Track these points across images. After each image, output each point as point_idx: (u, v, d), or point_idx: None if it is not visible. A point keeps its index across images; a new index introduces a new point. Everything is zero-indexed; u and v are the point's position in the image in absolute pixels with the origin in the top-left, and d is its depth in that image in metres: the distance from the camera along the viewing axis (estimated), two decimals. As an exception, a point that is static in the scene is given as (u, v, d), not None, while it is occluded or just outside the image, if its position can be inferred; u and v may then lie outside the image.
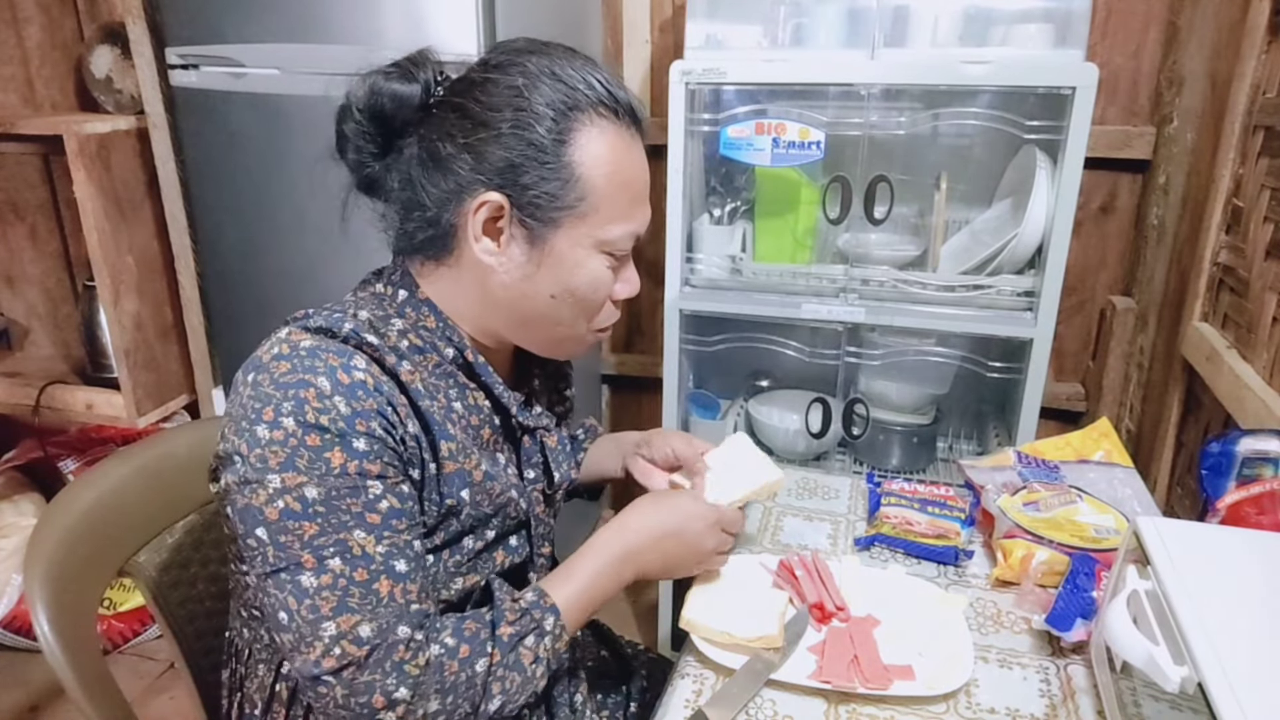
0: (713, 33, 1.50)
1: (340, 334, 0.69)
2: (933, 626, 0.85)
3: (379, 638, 0.65)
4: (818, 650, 0.82)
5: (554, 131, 0.70)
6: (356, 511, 0.65)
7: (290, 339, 0.68)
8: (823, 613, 0.87)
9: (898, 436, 1.65)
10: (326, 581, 0.64)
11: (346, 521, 0.65)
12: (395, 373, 0.70)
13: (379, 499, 0.66)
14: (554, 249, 0.73)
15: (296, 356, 0.67)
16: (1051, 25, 1.37)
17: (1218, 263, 1.35)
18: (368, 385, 0.67)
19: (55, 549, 0.80)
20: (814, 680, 0.78)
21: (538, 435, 0.85)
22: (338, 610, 0.64)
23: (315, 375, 0.65)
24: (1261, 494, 0.87)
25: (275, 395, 0.65)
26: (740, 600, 0.87)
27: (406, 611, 0.67)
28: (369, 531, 0.66)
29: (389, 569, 0.66)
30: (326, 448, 0.64)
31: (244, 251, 1.62)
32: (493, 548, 0.80)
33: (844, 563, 0.95)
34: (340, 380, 0.66)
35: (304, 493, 0.64)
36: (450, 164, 0.72)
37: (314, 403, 0.64)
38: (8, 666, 1.86)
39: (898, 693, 0.76)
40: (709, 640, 0.83)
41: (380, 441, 0.66)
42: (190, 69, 1.54)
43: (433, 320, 0.76)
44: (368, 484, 0.66)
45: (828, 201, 1.50)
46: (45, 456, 2.00)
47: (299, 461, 0.64)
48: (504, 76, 0.71)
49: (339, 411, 0.65)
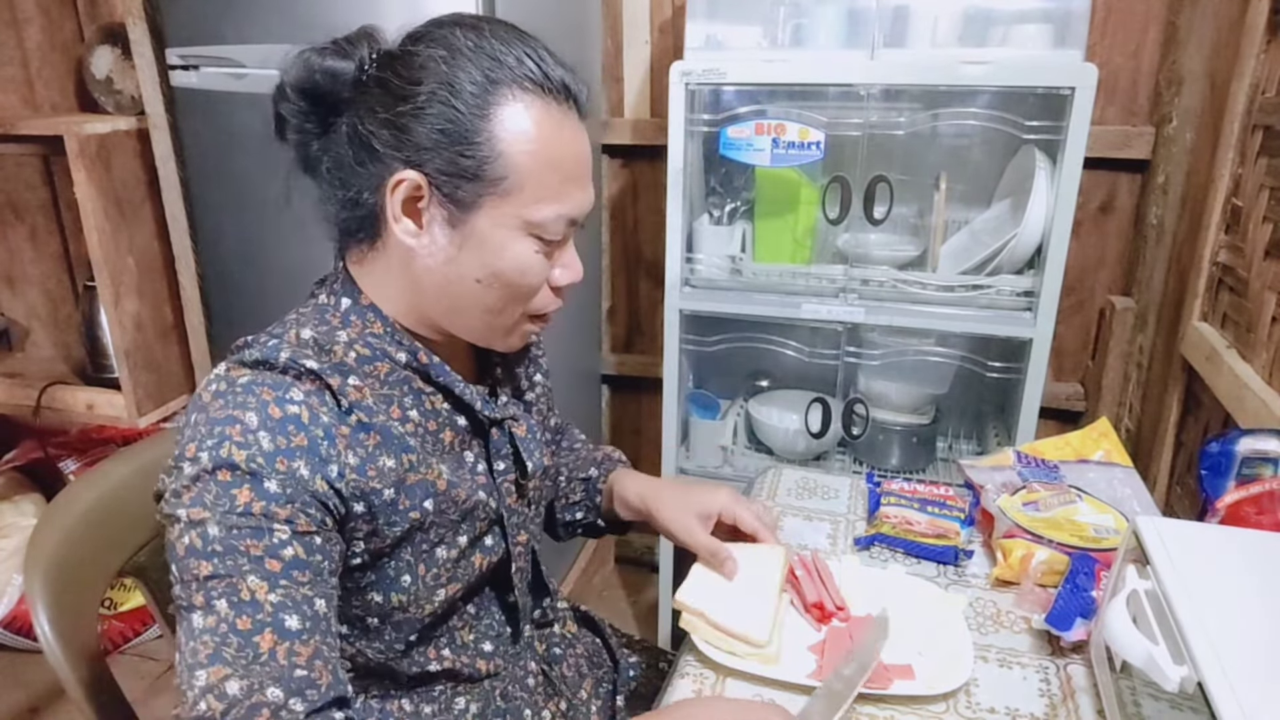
0: (712, 33, 1.50)
1: (278, 365, 0.66)
2: (932, 626, 0.85)
3: (244, 697, 0.58)
4: (817, 650, 0.82)
5: (474, 106, 0.67)
6: (255, 555, 0.61)
7: (228, 375, 0.66)
8: (822, 612, 0.87)
9: (897, 436, 1.65)
10: (210, 624, 0.60)
11: (242, 565, 0.61)
12: (340, 395, 0.67)
13: (283, 545, 0.62)
14: (475, 230, 0.70)
15: (232, 393, 0.65)
16: (1051, 25, 1.37)
17: (1217, 262, 1.35)
18: (301, 419, 0.64)
19: (55, 549, 0.80)
20: (814, 680, 0.78)
21: (505, 426, 0.81)
22: (212, 659, 0.59)
23: (245, 411, 0.63)
24: (1261, 494, 0.87)
25: (202, 431, 0.63)
26: (740, 589, 0.86)
27: (286, 675, 0.60)
28: (264, 578, 0.61)
29: (276, 622, 0.61)
30: (235, 484, 0.62)
31: (244, 252, 1.62)
32: (468, 553, 0.78)
33: (844, 562, 0.95)
34: (270, 415, 0.63)
35: (206, 529, 0.61)
36: (371, 141, 0.69)
37: (236, 438, 0.62)
38: (8, 666, 1.86)
39: (897, 692, 0.76)
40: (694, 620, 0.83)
41: (298, 484, 0.63)
42: (191, 69, 1.54)
43: (379, 326, 0.74)
44: (274, 527, 0.62)
45: (827, 202, 1.50)
46: (46, 457, 2.00)
47: (206, 497, 0.62)
48: (427, 49, 0.68)
49: (260, 448, 0.62)
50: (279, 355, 0.66)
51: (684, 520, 0.91)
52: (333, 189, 0.73)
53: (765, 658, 0.79)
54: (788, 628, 0.85)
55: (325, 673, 0.62)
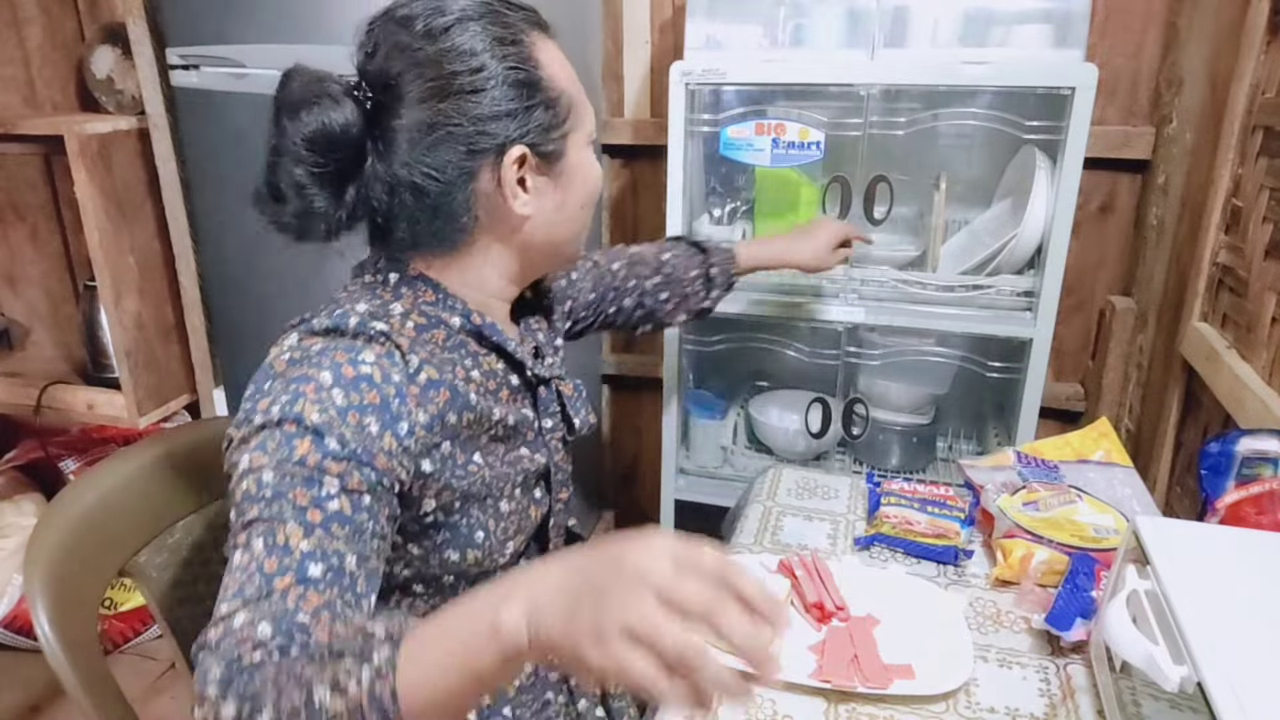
0: (712, 33, 1.50)
1: (348, 330, 0.69)
2: (932, 626, 0.85)
3: (239, 630, 0.58)
4: (818, 650, 0.82)
5: (522, 65, 0.72)
6: (301, 505, 0.63)
7: (301, 344, 0.69)
8: (822, 612, 0.87)
9: (897, 436, 1.65)
10: (243, 562, 0.61)
11: (286, 511, 0.62)
12: (409, 355, 0.71)
13: (329, 498, 0.64)
14: (570, 167, 0.77)
15: (305, 357, 0.68)
16: (1051, 25, 1.37)
17: (1217, 263, 1.35)
18: (373, 378, 0.67)
19: (55, 549, 0.80)
20: (814, 680, 0.78)
21: (553, 385, 0.86)
22: (234, 595, 0.60)
23: (320, 370, 0.66)
24: (1261, 494, 0.87)
25: (278, 389, 0.66)
26: None
27: (286, 616, 0.59)
28: (302, 526, 0.62)
29: (300, 568, 0.61)
30: (298, 436, 0.64)
31: (245, 251, 1.62)
32: (525, 506, 0.83)
33: (844, 562, 0.95)
34: (344, 374, 0.66)
35: (262, 476, 0.63)
36: (448, 147, 0.70)
37: (311, 396, 0.65)
38: (8, 666, 1.86)
39: (898, 692, 0.76)
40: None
41: (364, 441, 0.65)
42: (191, 69, 1.54)
43: (431, 294, 0.76)
44: (324, 479, 0.64)
45: (827, 202, 1.50)
46: (46, 456, 2.00)
47: (269, 445, 0.64)
48: (452, 40, 0.70)
49: (333, 403, 0.65)
50: (348, 321, 0.70)
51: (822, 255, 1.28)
52: (402, 211, 0.73)
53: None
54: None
55: (325, 626, 0.59)
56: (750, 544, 1.02)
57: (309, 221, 0.73)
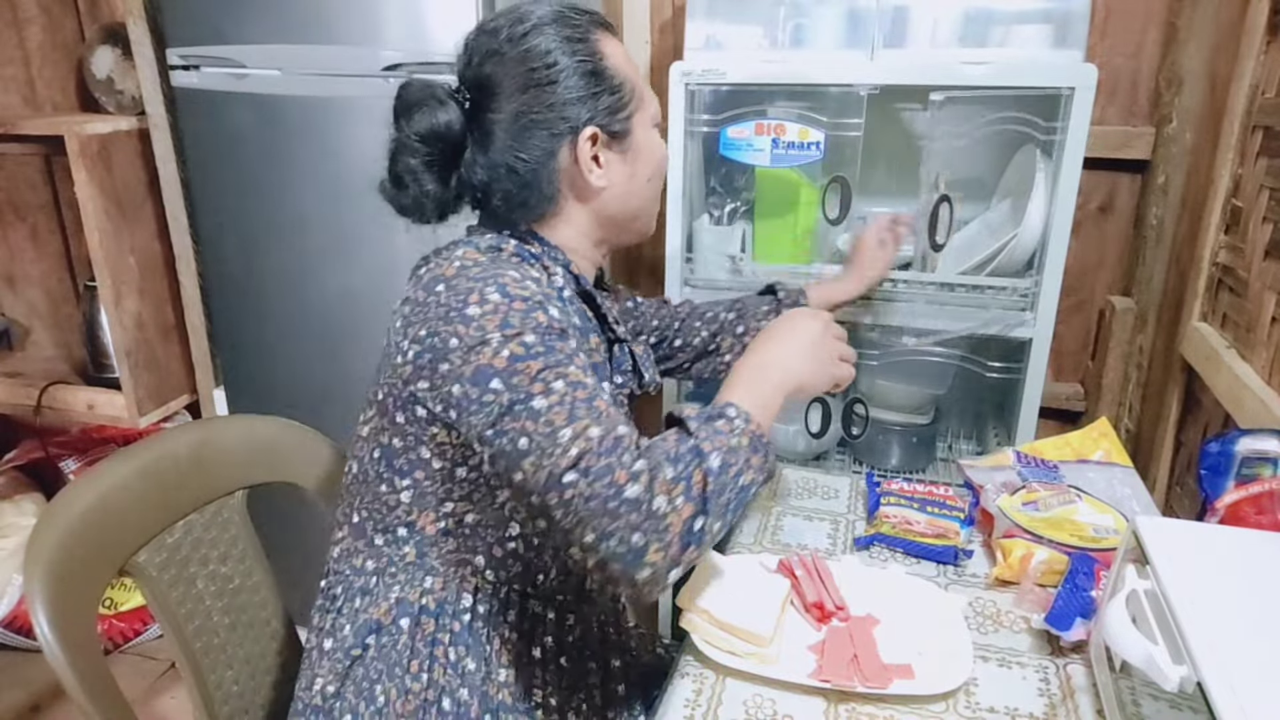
0: (712, 33, 1.50)
1: (506, 252, 0.83)
2: (932, 625, 0.85)
3: (606, 432, 0.71)
4: (817, 649, 0.83)
5: (590, 59, 0.84)
6: (569, 352, 0.75)
7: (466, 257, 0.80)
8: (822, 612, 0.87)
9: (897, 436, 1.65)
10: (555, 400, 0.71)
11: (562, 359, 0.74)
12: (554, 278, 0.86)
13: (576, 352, 0.76)
14: (636, 144, 0.89)
15: (478, 265, 0.79)
16: (1050, 26, 1.37)
17: (1217, 263, 1.35)
18: (541, 282, 0.81)
19: (55, 549, 0.80)
20: (814, 679, 0.78)
21: (626, 346, 0.96)
22: (569, 419, 0.71)
23: (504, 271, 0.78)
24: (1260, 494, 0.87)
25: (476, 284, 0.76)
26: (739, 590, 0.87)
27: (617, 422, 0.73)
28: (579, 368, 0.75)
29: (601, 392, 0.75)
30: (532, 309, 0.75)
31: (245, 251, 1.62)
32: None
33: (843, 562, 0.95)
34: (522, 274, 0.79)
35: (524, 339, 0.73)
36: (533, 132, 0.83)
37: (511, 286, 0.76)
38: (8, 666, 1.86)
39: (897, 691, 0.76)
40: (694, 620, 0.83)
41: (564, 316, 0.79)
42: (191, 69, 1.54)
43: (536, 246, 0.87)
44: (568, 338, 0.76)
45: (827, 202, 1.50)
46: (46, 456, 2.01)
47: (513, 319, 0.74)
48: (530, 43, 0.83)
49: (532, 289, 0.77)
50: (505, 243, 0.85)
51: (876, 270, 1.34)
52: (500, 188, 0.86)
53: (764, 658, 0.80)
54: (788, 628, 0.85)
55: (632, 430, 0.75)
56: (750, 544, 1.02)
57: (424, 203, 0.86)
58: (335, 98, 1.44)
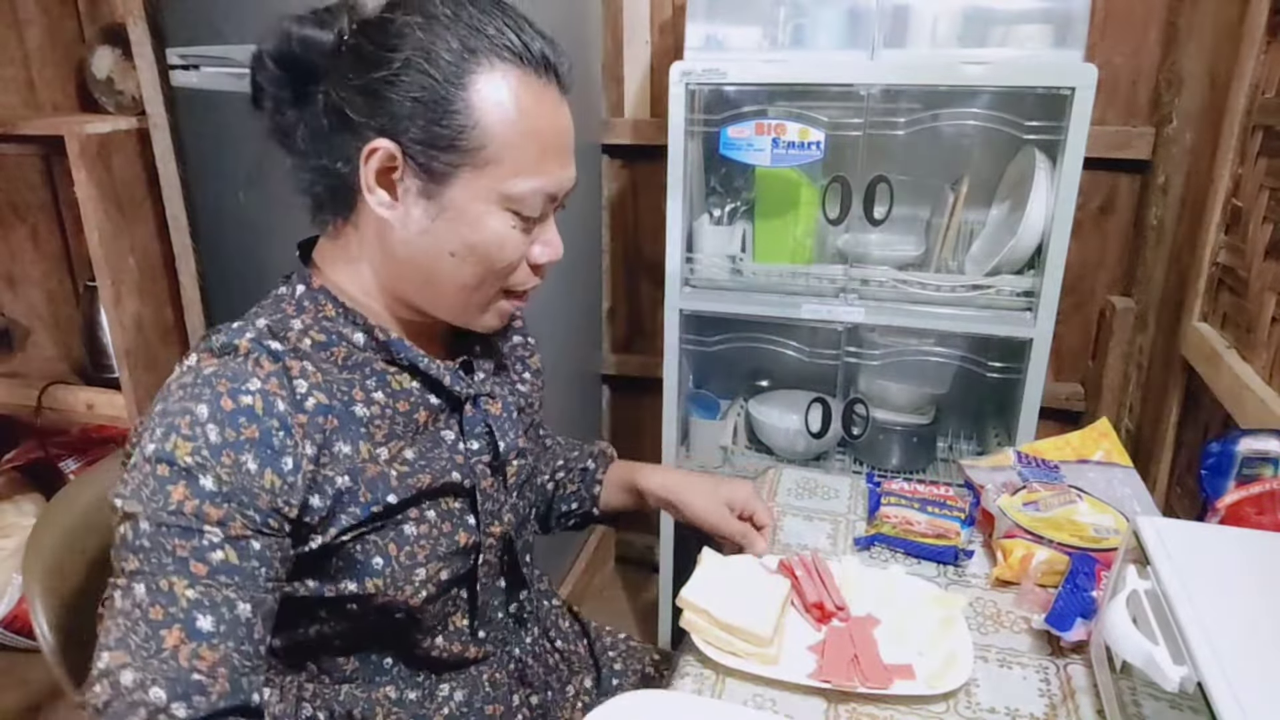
0: (712, 33, 1.50)
1: (241, 349, 0.67)
2: (932, 626, 0.85)
3: (131, 690, 0.59)
4: (818, 650, 0.82)
5: (450, 75, 0.66)
6: (181, 556, 0.61)
7: (197, 365, 0.66)
8: (822, 612, 0.86)
9: (897, 436, 1.65)
10: (125, 607, 0.61)
11: (166, 564, 0.61)
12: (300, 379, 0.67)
13: (212, 548, 0.62)
14: (451, 202, 0.69)
15: (193, 384, 0.65)
16: (1051, 25, 1.37)
17: (1217, 263, 1.35)
18: (255, 410, 0.64)
19: (55, 549, 0.80)
20: (814, 680, 0.78)
21: (481, 403, 0.79)
22: (118, 643, 0.60)
23: (198, 403, 0.63)
24: (1261, 494, 0.87)
25: (156, 421, 0.64)
26: (739, 590, 0.86)
27: (181, 676, 0.59)
28: (186, 577, 0.61)
29: (188, 620, 0.60)
30: (171, 480, 0.62)
31: (245, 252, 1.62)
32: (444, 529, 0.75)
33: (844, 563, 0.95)
34: (222, 407, 0.63)
35: (138, 524, 0.62)
36: (345, 109, 0.68)
37: (184, 430, 0.62)
38: (8, 666, 1.86)
39: (898, 692, 0.76)
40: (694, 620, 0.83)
41: (241, 480, 0.62)
42: (191, 69, 1.54)
43: (331, 309, 0.73)
44: (204, 528, 0.62)
45: (827, 202, 1.50)
46: (46, 456, 2.00)
47: (143, 491, 0.62)
48: (403, 15, 0.67)
49: (206, 440, 0.62)
50: (244, 337, 0.67)
51: (717, 509, 0.95)
52: (306, 159, 0.73)
53: (765, 658, 0.79)
54: (788, 628, 0.85)
55: (223, 680, 0.61)
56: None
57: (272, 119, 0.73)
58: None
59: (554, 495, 1.04)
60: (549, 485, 1.04)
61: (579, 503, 1.03)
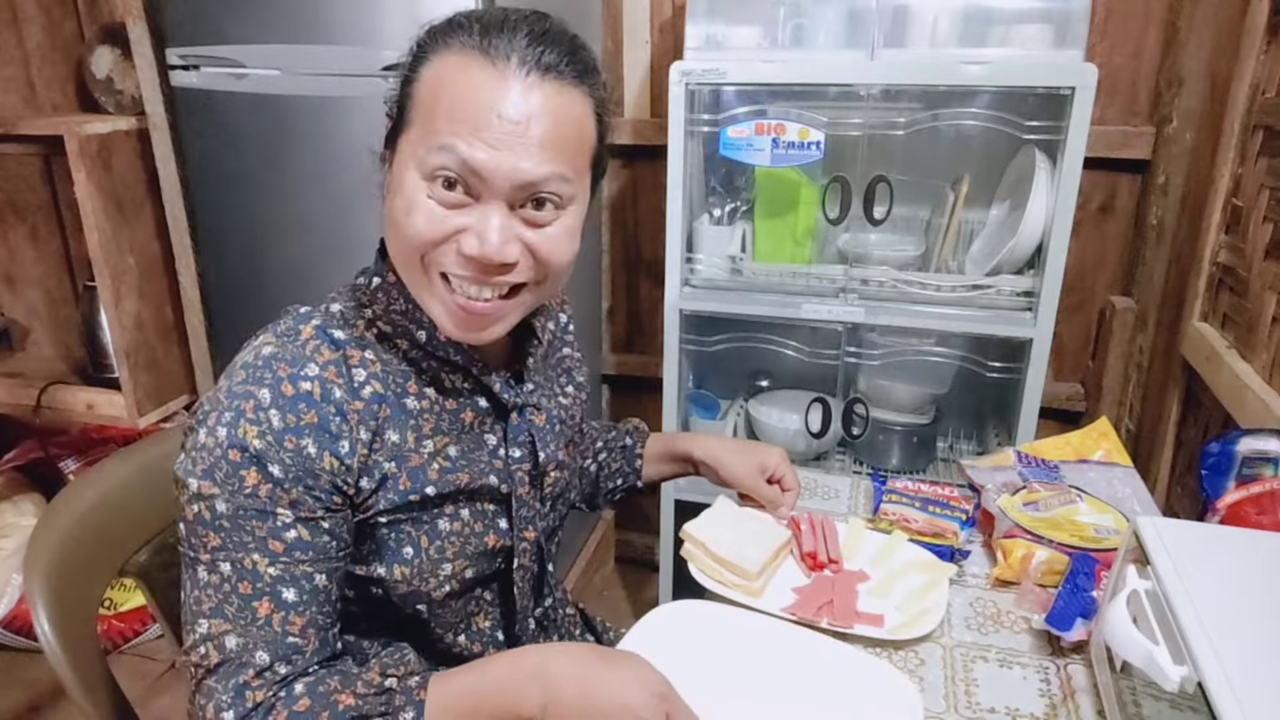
0: (712, 33, 1.50)
1: (304, 335, 0.71)
2: (915, 587, 0.89)
3: (238, 654, 0.65)
4: (799, 590, 0.89)
5: (414, 60, 0.70)
6: (260, 535, 0.66)
7: (260, 345, 0.70)
8: (814, 562, 0.92)
9: (897, 436, 1.65)
10: (214, 581, 0.66)
11: (247, 543, 0.66)
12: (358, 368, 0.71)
13: (286, 528, 0.67)
14: (394, 170, 0.71)
15: (255, 365, 0.68)
16: (1051, 25, 1.37)
17: (1217, 262, 1.35)
18: (313, 396, 0.67)
19: (55, 549, 0.80)
20: (784, 612, 0.84)
21: (526, 413, 0.81)
22: (214, 612, 0.65)
23: (260, 386, 0.67)
24: (1261, 494, 0.87)
25: (223, 403, 0.67)
26: (740, 532, 0.92)
27: (278, 641, 0.66)
28: (266, 555, 0.66)
29: (274, 593, 0.66)
30: (244, 465, 0.65)
31: (244, 251, 1.62)
32: (475, 529, 0.78)
33: (850, 524, 1.00)
34: (283, 393, 0.67)
35: (215, 505, 0.66)
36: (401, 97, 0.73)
37: (249, 415, 0.66)
38: (8, 666, 1.86)
39: (859, 633, 0.82)
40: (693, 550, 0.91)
41: (304, 464, 0.66)
42: (191, 69, 1.54)
43: (402, 303, 0.75)
44: (277, 510, 0.66)
45: (827, 202, 1.50)
46: (46, 456, 2.00)
47: (217, 474, 0.65)
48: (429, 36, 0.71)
49: (269, 425, 0.66)
50: (309, 323, 0.72)
51: (751, 472, 1.00)
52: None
53: (749, 590, 0.87)
54: (781, 572, 0.92)
55: (314, 639, 0.68)
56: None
57: None
58: (335, 97, 1.44)
59: (599, 475, 1.08)
60: (592, 467, 1.08)
61: (623, 478, 1.08)
